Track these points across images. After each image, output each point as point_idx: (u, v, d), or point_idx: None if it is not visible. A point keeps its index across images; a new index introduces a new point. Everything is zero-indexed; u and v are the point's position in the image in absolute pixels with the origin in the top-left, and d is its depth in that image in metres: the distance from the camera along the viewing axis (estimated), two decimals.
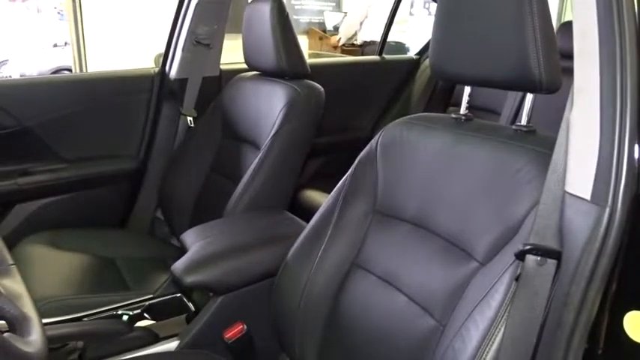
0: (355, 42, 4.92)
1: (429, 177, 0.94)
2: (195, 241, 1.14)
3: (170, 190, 1.67)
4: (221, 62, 1.85)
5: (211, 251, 1.10)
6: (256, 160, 1.37)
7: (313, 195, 1.95)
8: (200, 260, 1.07)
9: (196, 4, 1.67)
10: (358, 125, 2.23)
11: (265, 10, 1.43)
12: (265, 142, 1.38)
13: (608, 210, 0.52)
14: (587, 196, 0.54)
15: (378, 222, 1.00)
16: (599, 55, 0.56)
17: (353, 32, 4.93)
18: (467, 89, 0.96)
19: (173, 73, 1.74)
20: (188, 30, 1.70)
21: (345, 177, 1.06)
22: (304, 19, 5.58)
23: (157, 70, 1.76)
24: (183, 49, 1.72)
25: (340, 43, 5.03)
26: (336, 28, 5.41)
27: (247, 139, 1.52)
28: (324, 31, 5.47)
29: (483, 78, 0.89)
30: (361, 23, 4.89)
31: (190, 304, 1.18)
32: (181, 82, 1.75)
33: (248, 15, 1.52)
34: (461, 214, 0.87)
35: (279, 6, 1.43)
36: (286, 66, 1.43)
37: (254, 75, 1.60)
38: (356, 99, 2.15)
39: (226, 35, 1.80)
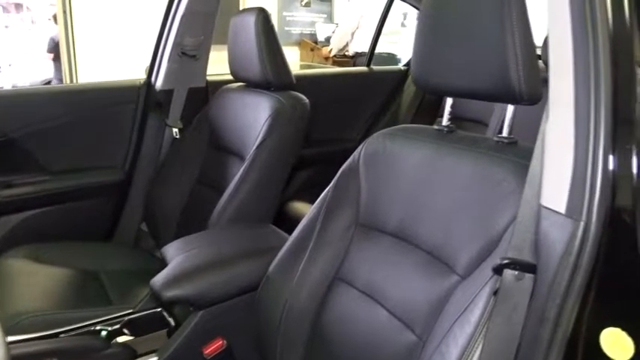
0: (347, 53, 4.93)
1: (411, 189, 0.93)
2: (176, 254, 1.12)
3: (156, 202, 1.66)
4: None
5: (192, 265, 1.08)
6: (240, 172, 1.36)
7: (301, 207, 1.94)
8: (180, 274, 1.05)
9: (182, 16, 1.66)
10: (347, 137, 2.22)
11: (250, 22, 1.42)
12: (249, 154, 1.37)
13: (582, 224, 0.51)
14: (562, 210, 0.53)
15: (361, 235, 0.99)
16: (573, 66, 0.55)
17: (344, 43, 4.93)
18: (449, 100, 0.96)
19: (159, 84, 1.73)
20: (174, 41, 1.69)
21: (327, 189, 1.05)
22: (296, 30, 5.60)
23: (142, 81, 1.75)
24: (168, 61, 1.71)
25: (332, 54, 5.03)
26: (327, 39, 5.43)
27: (233, 151, 1.51)
28: (316, 42, 5.49)
29: (464, 90, 0.89)
30: (352, 34, 4.89)
31: (171, 319, 1.16)
32: (167, 94, 1.74)
33: (233, 26, 1.52)
34: (443, 227, 0.86)
35: (264, 18, 1.42)
36: (271, 77, 1.43)
37: (240, 86, 1.60)
38: (344, 110, 2.15)
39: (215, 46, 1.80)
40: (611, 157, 0.51)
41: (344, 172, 1.04)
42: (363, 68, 2.30)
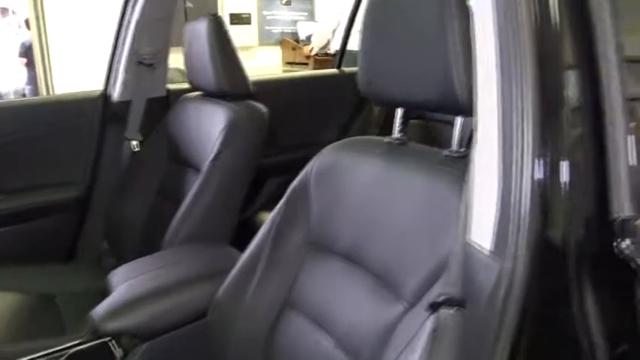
0: (328, 51, 4.86)
1: (361, 207, 0.87)
2: (121, 281, 1.06)
3: (117, 219, 1.59)
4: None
5: (136, 293, 1.02)
6: (195, 187, 1.30)
7: None
8: (122, 304, 0.99)
9: (137, 23, 1.59)
10: (318, 142, 2.14)
11: (202, 30, 1.36)
12: (205, 168, 1.30)
13: (510, 263, 0.45)
14: (488, 247, 0.47)
15: (311, 256, 0.93)
16: (498, 74, 0.50)
17: (325, 41, 4.87)
18: (399, 111, 0.90)
19: (116, 95, 1.66)
20: (130, 50, 1.62)
21: (278, 206, 1.00)
22: (277, 29, 5.53)
23: (99, 92, 1.68)
24: (125, 70, 1.64)
25: (313, 53, 4.97)
26: (309, 38, 5.37)
27: (191, 164, 1.44)
28: (297, 41, 5.42)
29: (410, 101, 0.84)
30: (334, 31, 4.83)
31: (119, 350, 1.09)
32: (125, 105, 1.67)
33: (188, 35, 1.46)
34: (392, 248, 0.80)
35: (217, 25, 1.36)
36: (226, 87, 1.36)
37: (197, 95, 1.53)
38: (315, 115, 2.08)
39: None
40: (539, 179, 0.46)
41: (295, 189, 0.99)
42: (334, 70, 2.23)
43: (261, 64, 5.16)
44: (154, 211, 1.53)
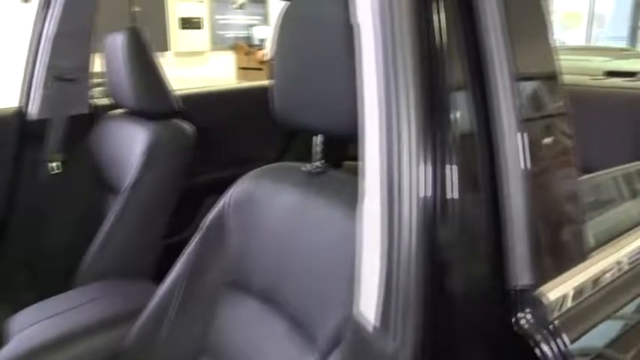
0: None
1: (276, 242, 0.80)
2: (22, 327, 0.95)
3: (36, 249, 1.46)
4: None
5: (34, 344, 0.91)
6: (114, 215, 1.20)
7: None
8: (17, 356, 0.88)
9: (54, 35, 1.47)
10: (259, 157, 2.05)
11: (119, 45, 1.26)
12: (124, 194, 1.20)
13: (396, 342, 0.39)
14: (373, 322, 0.41)
15: (228, 295, 0.86)
16: (381, 112, 0.43)
17: None
18: (318, 138, 0.84)
19: (33, 112, 1.52)
20: (47, 64, 1.50)
21: (195, 237, 0.91)
22: (230, 34, 5.41)
23: (14, 109, 1.54)
24: (43, 86, 1.51)
25: (267, 58, 4.88)
26: (262, 42, 5.28)
27: (112, 188, 1.34)
28: (251, 45, 5.32)
29: (325, 127, 0.77)
30: None
31: None
32: (44, 123, 1.54)
33: (106, 48, 1.35)
34: (307, 289, 0.73)
35: (136, 39, 1.26)
36: (147, 105, 1.27)
37: (121, 113, 1.43)
38: (262, 127, 1.99)
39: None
40: (427, 224, 0.40)
41: (212, 219, 0.91)
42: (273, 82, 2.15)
43: (213, 69, 5.04)
44: (76, 240, 1.41)
